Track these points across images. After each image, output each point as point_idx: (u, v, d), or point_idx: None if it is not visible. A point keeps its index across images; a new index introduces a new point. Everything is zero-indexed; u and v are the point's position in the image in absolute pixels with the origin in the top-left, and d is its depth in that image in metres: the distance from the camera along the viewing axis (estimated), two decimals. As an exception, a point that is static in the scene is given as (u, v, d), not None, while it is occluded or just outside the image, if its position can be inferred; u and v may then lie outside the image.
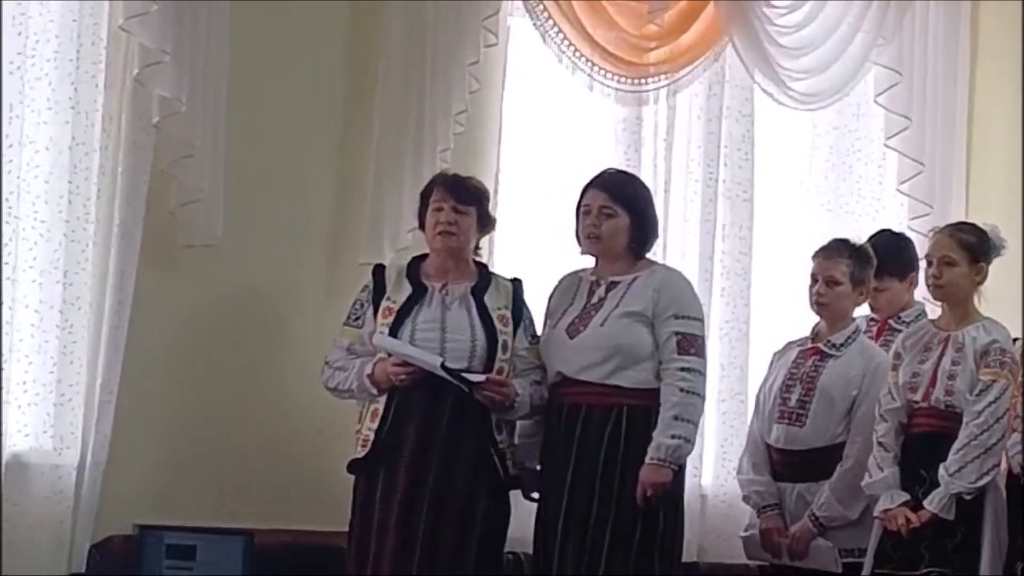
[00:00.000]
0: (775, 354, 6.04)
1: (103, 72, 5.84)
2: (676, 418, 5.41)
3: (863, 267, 5.85)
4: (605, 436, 5.44)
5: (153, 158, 5.88)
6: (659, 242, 5.86)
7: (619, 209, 5.55)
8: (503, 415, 5.50)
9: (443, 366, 5.33)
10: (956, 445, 5.44)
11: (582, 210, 5.59)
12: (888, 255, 6.03)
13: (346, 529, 5.55)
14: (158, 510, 5.93)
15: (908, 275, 6.21)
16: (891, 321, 6.13)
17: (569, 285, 5.68)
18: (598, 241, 5.56)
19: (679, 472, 5.49)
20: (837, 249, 5.86)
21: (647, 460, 5.39)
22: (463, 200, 5.55)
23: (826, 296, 5.83)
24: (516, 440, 5.63)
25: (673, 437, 5.39)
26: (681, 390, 5.43)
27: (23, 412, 5.73)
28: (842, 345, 5.82)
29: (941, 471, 5.44)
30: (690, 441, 5.46)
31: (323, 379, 5.57)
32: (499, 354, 5.49)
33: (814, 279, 5.86)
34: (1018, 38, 7.39)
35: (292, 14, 6.25)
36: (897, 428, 5.59)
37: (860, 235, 6.25)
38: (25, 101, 5.73)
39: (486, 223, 5.67)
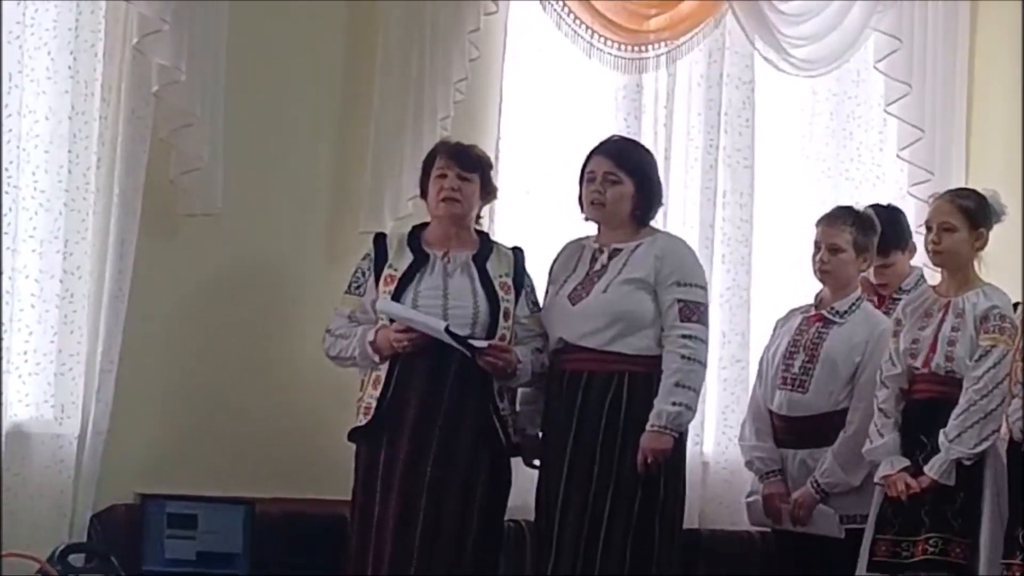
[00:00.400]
0: (778, 321, 6.04)
1: (102, 41, 5.82)
2: (677, 385, 5.42)
3: (866, 234, 5.85)
4: (606, 403, 5.45)
5: (153, 127, 5.85)
6: (660, 209, 5.85)
7: (624, 176, 5.54)
8: (505, 382, 5.50)
9: (447, 330, 5.33)
10: (956, 411, 5.45)
11: (586, 176, 5.59)
12: (888, 229, 6.02)
13: (347, 498, 5.56)
14: (159, 479, 5.93)
15: (907, 245, 6.22)
16: (892, 292, 6.13)
17: (572, 252, 5.69)
18: (602, 208, 5.56)
19: (680, 439, 5.50)
20: (840, 217, 5.86)
21: (648, 427, 5.40)
22: (467, 167, 5.54)
23: (829, 264, 5.83)
24: (517, 407, 5.63)
25: (674, 404, 5.40)
26: (683, 357, 5.44)
27: (24, 382, 5.72)
28: (846, 312, 5.82)
29: (941, 437, 5.45)
30: (691, 408, 5.47)
31: (325, 347, 5.57)
32: (501, 321, 5.49)
33: (817, 246, 5.86)
34: (1017, 3, 7.37)
35: (291, -18, 6.25)
36: (898, 394, 5.60)
37: (861, 202, 6.24)
38: (24, 71, 5.70)
39: (489, 191, 5.67)
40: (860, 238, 5.83)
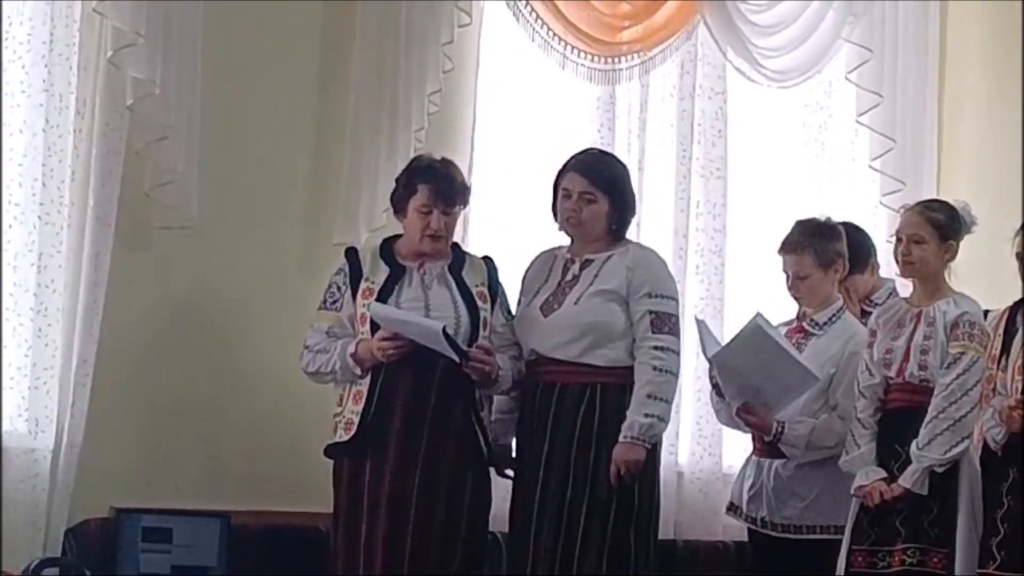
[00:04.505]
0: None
1: (77, 54, 5.82)
2: (650, 396, 5.43)
3: (828, 247, 5.82)
4: (580, 414, 5.46)
5: (127, 140, 5.86)
6: (634, 220, 5.86)
7: (599, 194, 5.55)
8: (487, 390, 5.51)
9: (444, 331, 5.32)
10: (926, 419, 5.47)
11: (561, 193, 5.59)
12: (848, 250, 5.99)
13: (324, 510, 5.55)
14: (134, 493, 5.92)
15: (867, 263, 6.20)
16: (863, 305, 6.14)
17: (544, 262, 5.69)
18: (579, 225, 5.57)
19: (653, 449, 5.50)
20: (798, 242, 5.83)
21: (621, 438, 5.41)
22: (453, 203, 5.54)
23: (800, 290, 5.85)
24: (493, 417, 5.64)
25: (647, 416, 5.41)
26: (655, 368, 5.45)
27: (-3, 395, 5.72)
28: (825, 324, 5.84)
29: (912, 446, 5.47)
30: (664, 419, 5.48)
31: (302, 364, 5.54)
32: (481, 331, 5.49)
33: (786, 273, 5.86)
34: (987, 15, 7.42)
35: (265, -5, 6.25)
36: (876, 404, 5.62)
37: (832, 212, 6.24)
38: (-2, 84, 5.72)
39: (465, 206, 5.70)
40: (823, 255, 5.81)
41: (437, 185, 5.51)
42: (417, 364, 5.38)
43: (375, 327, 5.41)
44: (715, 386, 5.81)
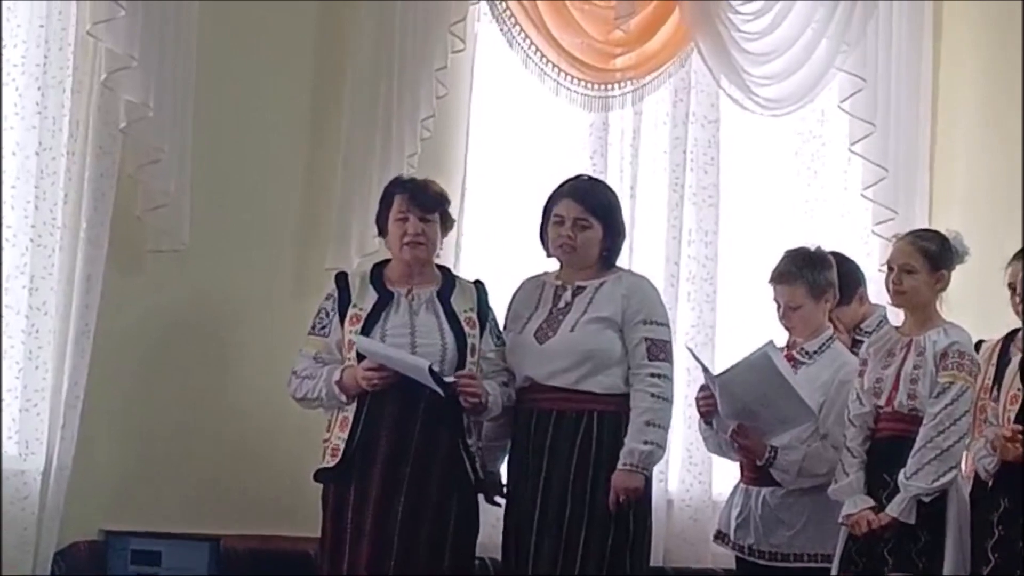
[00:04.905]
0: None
1: (70, 77, 5.83)
2: (648, 424, 5.44)
3: (819, 276, 5.81)
4: (577, 441, 5.46)
5: (120, 163, 5.88)
6: (626, 247, 5.88)
7: (594, 221, 5.56)
8: (476, 417, 5.50)
9: (430, 369, 5.32)
10: (914, 448, 5.46)
11: (554, 219, 5.60)
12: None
13: (313, 534, 5.55)
14: (124, 515, 5.93)
15: (855, 294, 6.18)
16: (854, 334, 6.14)
17: (532, 289, 5.69)
18: (572, 252, 5.58)
19: (648, 478, 5.51)
20: (790, 273, 5.81)
21: (620, 466, 5.42)
22: (428, 208, 5.55)
23: (792, 320, 5.85)
24: (482, 444, 5.64)
25: (646, 443, 5.43)
26: (652, 395, 5.46)
27: (-13, 418, 5.72)
28: (815, 352, 5.83)
29: (900, 475, 5.47)
30: (662, 447, 5.50)
31: (290, 389, 5.53)
32: (468, 357, 5.49)
33: (777, 304, 5.87)
34: (980, 45, 7.44)
35: (260, 19, 6.26)
36: (866, 433, 5.61)
37: (824, 241, 6.24)
38: (-9, 106, 5.73)
39: (446, 225, 5.68)
40: (815, 286, 5.79)
41: (411, 192, 5.54)
42: (403, 392, 5.38)
43: (361, 355, 5.41)
44: (703, 415, 5.81)
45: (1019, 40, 7.16)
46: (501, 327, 5.68)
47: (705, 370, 5.73)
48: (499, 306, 5.72)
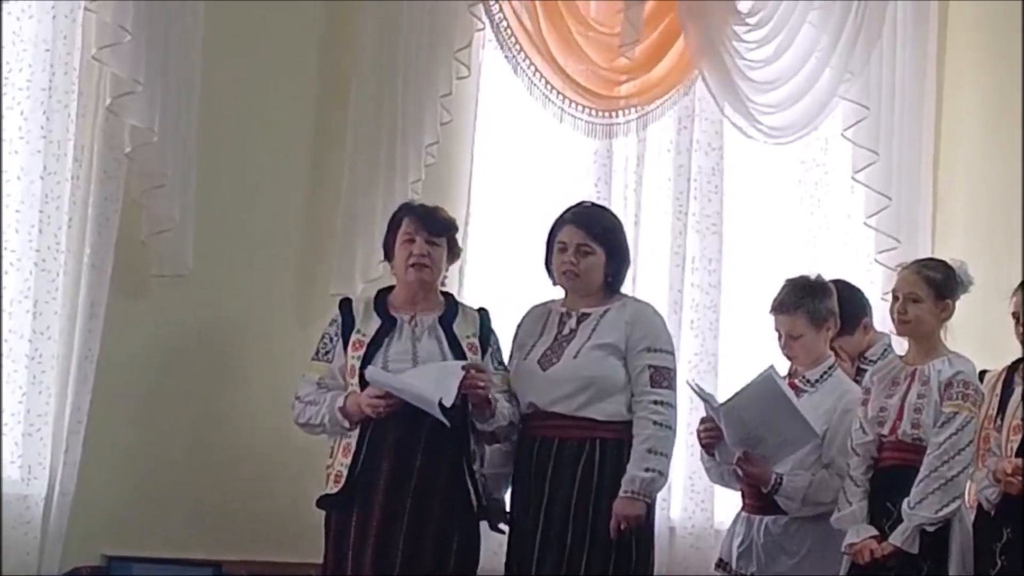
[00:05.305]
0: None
1: (75, 101, 5.84)
2: (650, 451, 5.44)
3: (820, 305, 5.81)
4: (579, 468, 5.46)
5: (124, 188, 5.88)
6: (629, 275, 5.87)
7: (597, 247, 5.57)
8: (483, 425, 5.48)
9: (440, 404, 5.30)
10: (918, 477, 5.46)
11: (557, 246, 5.60)
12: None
13: (315, 560, 5.54)
14: (126, 541, 5.92)
15: (859, 324, 6.16)
16: (859, 363, 6.14)
17: (538, 316, 5.69)
18: (576, 278, 5.58)
19: (650, 505, 5.50)
20: (790, 303, 5.81)
21: (621, 493, 5.42)
22: (435, 232, 5.55)
23: (794, 350, 5.85)
24: (485, 471, 5.63)
25: (647, 470, 5.42)
26: (655, 423, 5.46)
27: (-10, 442, 5.71)
28: (817, 381, 5.83)
29: (904, 504, 5.47)
30: (664, 474, 5.50)
31: (294, 415, 5.53)
32: (469, 383, 5.49)
33: (778, 333, 5.87)
34: (983, 74, 7.46)
35: (263, 45, 6.27)
36: (869, 462, 5.61)
37: (827, 269, 6.24)
38: (-4, 130, 5.73)
39: (454, 252, 5.68)
40: (815, 315, 5.79)
41: (420, 215, 5.55)
42: (405, 418, 5.37)
43: (364, 381, 5.41)
44: (705, 446, 5.80)
45: (1020, 70, 7.18)
46: (506, 354, 5.67)
47: (706, 402, 5.72)
48: (504, 333, 5.71)
